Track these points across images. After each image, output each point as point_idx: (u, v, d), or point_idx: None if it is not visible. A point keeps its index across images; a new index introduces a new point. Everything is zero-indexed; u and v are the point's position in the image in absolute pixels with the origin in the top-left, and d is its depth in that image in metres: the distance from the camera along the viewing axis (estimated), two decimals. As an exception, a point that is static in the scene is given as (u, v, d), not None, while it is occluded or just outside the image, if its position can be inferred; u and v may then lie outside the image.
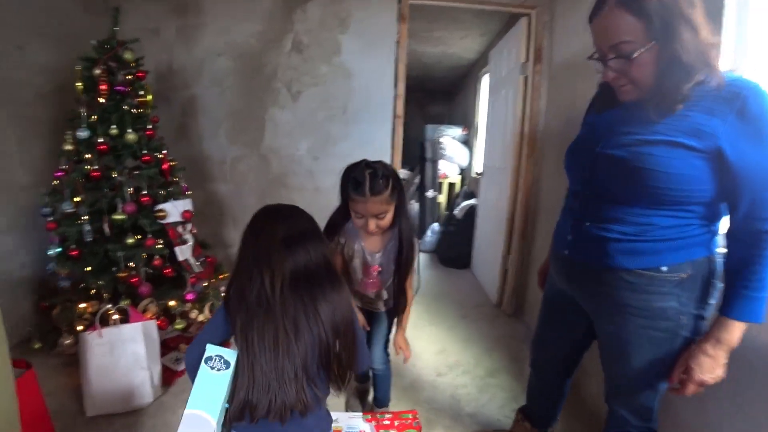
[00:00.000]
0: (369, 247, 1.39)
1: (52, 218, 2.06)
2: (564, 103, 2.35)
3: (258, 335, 0.87)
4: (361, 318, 1.40)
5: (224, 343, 0.95)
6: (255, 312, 0.88)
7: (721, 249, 0.97)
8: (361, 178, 1.21)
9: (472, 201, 4.10)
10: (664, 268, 0.94)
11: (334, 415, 1.20)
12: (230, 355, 0.89)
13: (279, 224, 0.95)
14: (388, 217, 1.28)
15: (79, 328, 1.98)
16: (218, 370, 0.88)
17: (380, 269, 1.41)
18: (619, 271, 0.98)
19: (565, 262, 1.12)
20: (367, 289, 1.47)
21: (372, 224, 1.26)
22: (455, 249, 3.98)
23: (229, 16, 2.65)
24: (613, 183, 0.97)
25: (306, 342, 0.90)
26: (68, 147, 2.06)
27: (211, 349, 0.89)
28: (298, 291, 0.90)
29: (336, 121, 2.71)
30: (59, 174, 2.07)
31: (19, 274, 2.30)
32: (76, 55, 2.17)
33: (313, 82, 2.67)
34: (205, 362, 0.88)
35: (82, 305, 2.03)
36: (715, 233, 0.97)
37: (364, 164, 1.25)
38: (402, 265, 1.39)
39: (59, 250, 2.05)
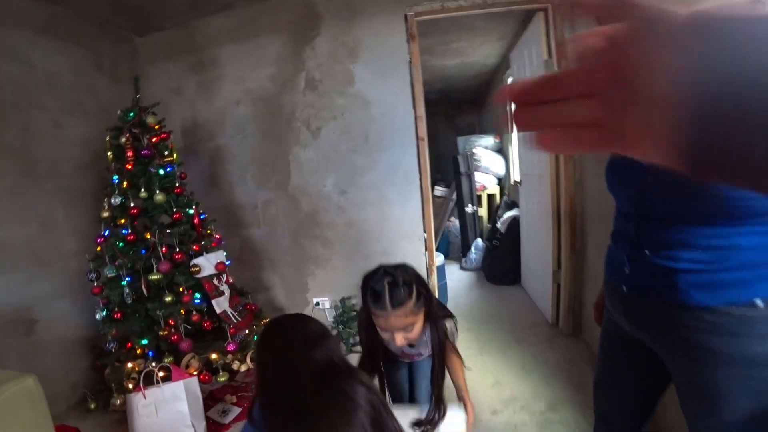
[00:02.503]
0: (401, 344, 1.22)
1: (96, 283, 2.15)
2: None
3: None
4: None
5: None
6: (290, 421, 0.88)
7: None
8: (380, 288, 1.07)
9: (514, 212, 3.89)
10: (760, 303, 0.71)
11: None
12: None
13: (291, 333, 0.98)
14: (417, 328, 1.12)
15: (130, 386, 2.02)
16: None
17: (419, 356, 1.37)
18: (696, 309, 0.76)
19: (625, 300, 0.91)
20: (410, 358, 1.44)
21: (399, 338, 1.11)
22: (502, 264, 3.77)
23: (243, 65, 2.72)
24: (672, 199, 0.77)
25: None
26: (105, 214, 2.16)
27: None
28: (331, 386, 0.90)
29: (359, 151, 2.66)
30: (100, 240, 2.17)
31: (74, 335, 2.42)
32: (108, 126, 2.30)
33: (331, 116, 2.65)
34: None
35: (130, 365, 2.08)
36: None
37: (382, 272, 1.10)
38: (434, 375, 1.24)
39: (104, 313, 2.12)
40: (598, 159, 2.19)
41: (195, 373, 2.03)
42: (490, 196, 4.91)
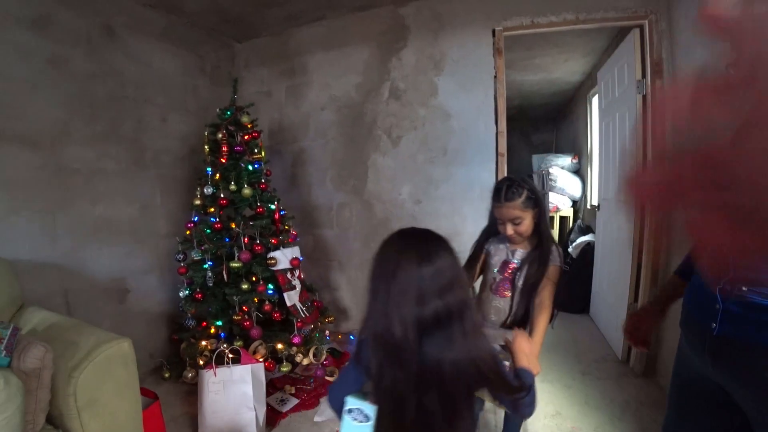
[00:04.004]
0: (512, 246, 1.50)
1: (183, 264, 2.34)
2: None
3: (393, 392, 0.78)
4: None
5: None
6: (389, 359, 0.79)
7: None
8: (500, 186, 1.40)
9: (588, 237, 3.69)
10: None
11: None
12: (370, 409, 0.90)
13: (416, 276, 0.78)
14: (525, 224, 1.38)
15: (201, 362, 2.18)
16: (360, 422, 0.90)
17: (516, 267, 1.46)
18: None
19: (712, 340, 0.83)
20: (499, 292, 1.50)
21: (509, 228, 1.39)
22: (571, 291, 3.57)
23: (330, 73, 2.86)
24: None
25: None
26: (197, 202, 2.35)
27: (352, 402, 0.91)
28: (428, 345, 0.77)
29: (436, 163, 2.68)
30: (190, 225, 2.37)
31: (158, 309, 2.66)
32: (204, 122, 2.53)
33: (411, 126, 2.70)
34: (348, 413, 0.92)
35: (204, 343, 2.24)
36: None
37: (506, 177, 1.43)
38: (534, 264, 1.41)
39: (187, 292, 2.31)
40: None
41: (261, 359, 2.14)
42: (563, 219, 4.70)
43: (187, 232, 2.38)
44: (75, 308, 2.23)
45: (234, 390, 1.92)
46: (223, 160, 2.31)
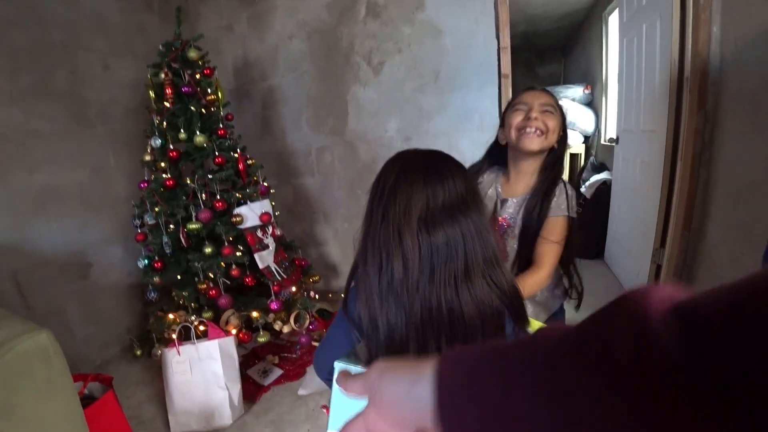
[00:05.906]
0: (504, 193, 1.18)
1: (139, 230, 2.05)
2: (757, 23, 1.53)
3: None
4: None
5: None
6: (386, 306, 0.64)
7: None
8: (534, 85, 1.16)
9: (603, 175, 3.31)
10: None
11: None
12: None
13: (421, 192, 0.63)
14: (551, 127, 1.08)
15: (174, 336, 1.94)
16: None
17: (508, 223, 1.15)
18: None
19: None
20: None
21: (535, 114, 1.07)
22: (584, 235, 3.25)
23: (296, -7, 2.39)
24: None
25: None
26: (147, 157, 2.01)
27: (341, 367, 0.70)
28: (439, 281, 0.63)
29: (427, 91, 2.26)
30: (143, 185, 2.04)
31: (127, 282, 2.41)
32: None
33: (395, 48, 2.26)
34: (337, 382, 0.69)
35: (171, 316, 1.99)
36: None
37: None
38: (531, 211, 1.10)
39: (146, 261, 2.02)
40: (746, 111, 1.60)
41: (233, 331, 1.89)
42: (573, 157, 4.28)
43: (142, 195, 2.06)
44: (29, 291, 1.98)
45: (202, 368, 1.69)
46: (168, 105, 1.93)
